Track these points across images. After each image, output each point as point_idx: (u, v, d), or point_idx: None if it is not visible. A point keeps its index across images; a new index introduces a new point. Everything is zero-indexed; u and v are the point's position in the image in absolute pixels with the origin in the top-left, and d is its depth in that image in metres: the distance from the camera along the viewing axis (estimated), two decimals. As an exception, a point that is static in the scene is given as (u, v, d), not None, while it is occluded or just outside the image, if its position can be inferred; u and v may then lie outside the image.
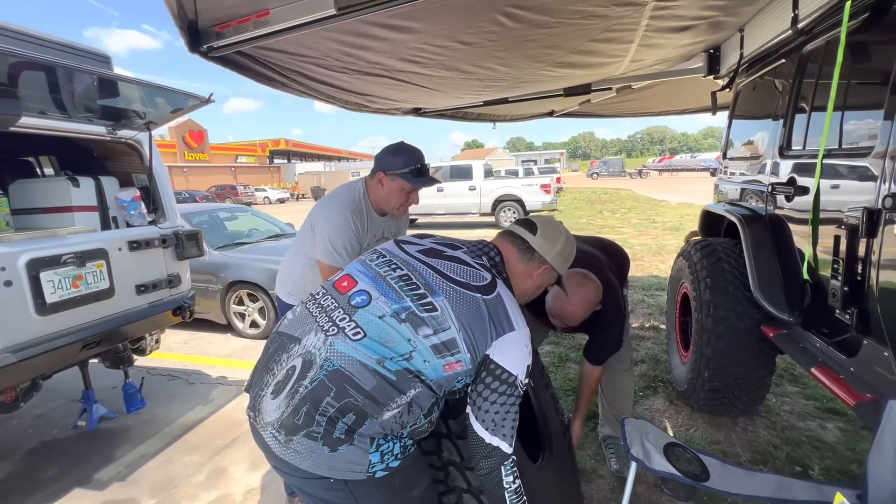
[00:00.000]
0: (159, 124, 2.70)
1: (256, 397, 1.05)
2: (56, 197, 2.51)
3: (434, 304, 1.04)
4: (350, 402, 0.97)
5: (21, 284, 2.03)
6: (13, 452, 2.64)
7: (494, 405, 1.03)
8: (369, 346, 1.00)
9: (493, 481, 1.06)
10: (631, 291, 5.06)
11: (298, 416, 0.97)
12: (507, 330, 1.06)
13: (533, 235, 1.21)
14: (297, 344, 1.06)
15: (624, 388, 2.16)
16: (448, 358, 1.02)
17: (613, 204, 16.27)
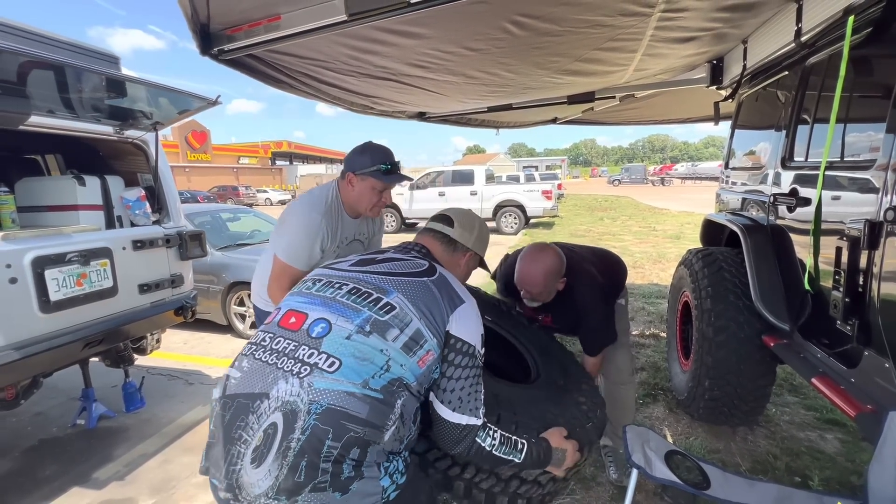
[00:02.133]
0: (166, 125, 2.72)
1: (229, 475, 0.93)
2: (62, 195, 2.52)
3: (390, 303, 1.07)
4: (352, 437, 0.93)
5: (26, 282, 2.04)
6: (12, 450, 2.64)
7: (460, 381, 1.07)
8: (348, 372, 0.98)
9: (475, 453, 1.10)
10: (631, 299, 5.07)
11: (299, 474, 0.89)
12: (459, 303, 1.12)
13: (451, 228, 1.29)
14: (265, 399, 0.96)
15: (623, 401, 2.14)
16: (419, 352, 1.04)
17: (614, 211, 16.31)
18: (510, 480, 1.31)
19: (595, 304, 1.79)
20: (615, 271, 2.11)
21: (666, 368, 3.18)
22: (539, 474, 1.31)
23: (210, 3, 1.25)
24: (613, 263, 2.14)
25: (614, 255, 2.22)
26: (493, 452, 1.11)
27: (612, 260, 2.16)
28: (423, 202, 12.31)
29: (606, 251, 2.22)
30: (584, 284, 1.79)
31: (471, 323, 1.12)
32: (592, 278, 1.84)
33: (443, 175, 12.59)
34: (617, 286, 2.09)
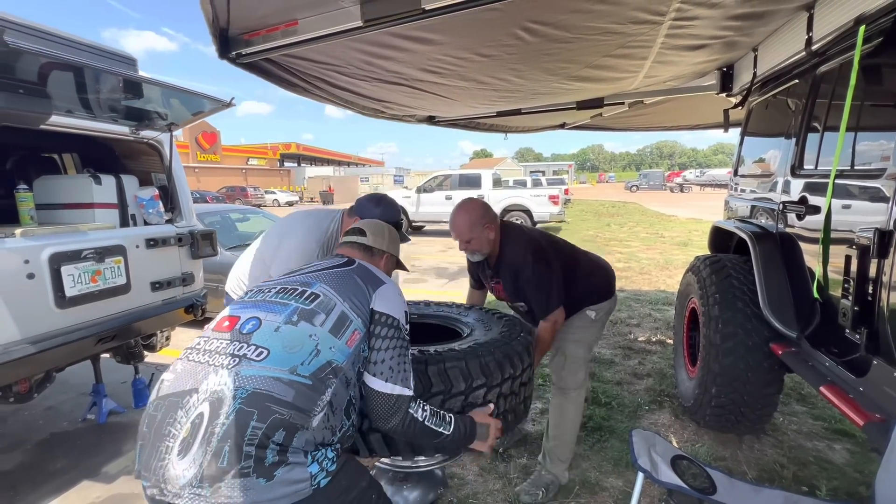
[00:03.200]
0: (181, 126, 2.77)
1: (157, 471, 0.93)
2: (78, 193, 2.57)
3: (314, 293, 1.16)
4: (277, 418, 0.94)
5: (43, 277, 2.08)
6: (24, 443, 2.69)
7: (388, 352, 1.14)
8: (276, 360, 1.01)
9: (409, 426, 1.14)
10: (638, 305, 5.05)
11: (222, 459, 0.89)
12: (380, 284, 1.23)
13: (365, 237, 1.43)
14: (194, 394, 0.99)
15: (559, 412, 2.06)
16: (346, 333, 1.10)
17: (621, 217, 16.25)
18: (465, 408, 1.37)
19: (525, 259, 1.85)
20: (594, 275, 2.09)
21: (672, 375, 3.17)
22: (512, 383, 1.44)
23: (230, 8, 1.28)
24: (594, 269, 2.12)
25: (602, 262, 2.21)
26: (426, 423, 1.16)
27: (598, 266, 2.15)
28: (430, 205, 12.37)
29: (595, 258, 2.21)
30: (515, 243, 1.89)
31: (392, 299, 1.21)
32: (527, 240, 1.92)
33: (450, 179, 12.66)
34: (598, 292, 2.06)
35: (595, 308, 2.04)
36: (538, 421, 2.66)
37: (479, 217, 1.86)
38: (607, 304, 2.08)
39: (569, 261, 2.01)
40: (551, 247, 1.98)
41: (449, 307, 2.03)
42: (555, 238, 2.11)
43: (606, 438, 2.45)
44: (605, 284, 2.11)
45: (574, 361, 2.03)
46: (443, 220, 12.36)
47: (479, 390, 1.39)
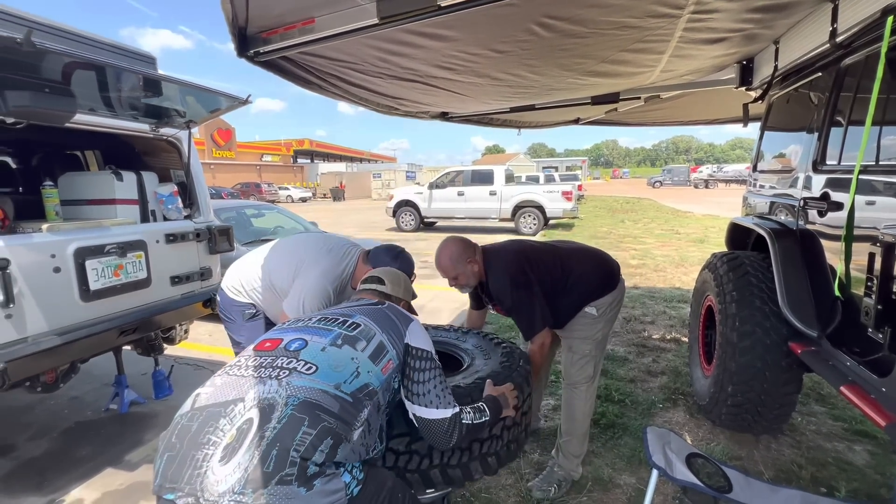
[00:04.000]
0: (199, 123, 2.82)
1: (191, 480, 0.92)
2: (101, 190, 2.64)
3: (357, 322, 1.27)
4: (325, 426, 0.99)
5: (68, 271, 2.15)
6: (50, 431, 2.78)
7: (430, 382, 1.24)
8: (323, 376, 1.09)
9: (466, 433, 1.25)
10: (652, 303, 5.00)
11: (268, 463, 0.91)
12: (409, 321, 1.35)
13: (384, 286, 1.57)
14: (240, 403, 1.02)
15: (568, 402, 2.08)
16: (382, 361, 1.20)
17: (636, 213, 16.06)
18: (472, 446, 1.48)
19: (504, 288, 1.91)
20: (588, 270, 2.05)
21: (687, 373, 3.13)
22: (491, 428, 1.50)
23: (249, 7, 1.30)
24: (581, 263, 2.06)
25: (595, 259, 2.13)
26: (474, 423, 1.28)
27: (581, 260, 2.08)
28: (442, 201, 12.37)
29: (596, 255, 2.14)
30: (495, 271, 1.95)
31: (423, 335, 1.33)
32: (505, 267, 1.94)
33: (462, 174, 12.61)
34: (593, 288, 2.03)
35: (595, 304, 2.01)
36: (550, 417, 2.66)
37: (460, 254, 1.93)
38: (609, 297, 2.04)
39: (556, 272, 1.99)
40: (534, 265, 1.96)
41: (447, 331, 2.09)
42: (540, 249, 2.07)
43: (620, 436, 2.44)
44: (603, 279, 2.07)
45: (582, 357, 2.03)
46: (455, 216, 12.37)
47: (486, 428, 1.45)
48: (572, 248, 2.14)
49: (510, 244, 2.09)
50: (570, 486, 2.05)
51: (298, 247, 2.07)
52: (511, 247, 2.06)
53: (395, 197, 13.06)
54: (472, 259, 1.94)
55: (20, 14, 2.09)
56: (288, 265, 2.00)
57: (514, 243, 2.10)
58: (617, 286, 2.08)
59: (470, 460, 1.51)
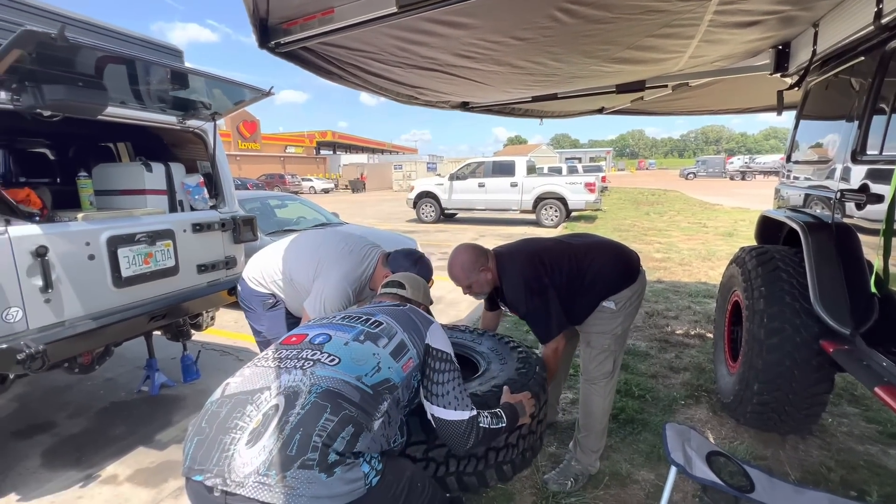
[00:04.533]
0: (223, 115, 2.88)
1: (220, 462, 0.97)
2: (132, 180, 2.73)
3: (378, 320, 1.31)
4: (347, 414, 1.03)
5: (102, 259, 2.24)
6: (87, 410, 2.93)
7: (449, 384, 1.26)
8: (346, 368, 1.13)
9: (483, 437, 1.26)
10: (676, 297, 4.88)
11: (291, 447, 0.95)
12: (430, 323, 1.37)
13: (404, 290, 1.61)
14: (266, 391, 1.07)
15: (585, 399, 2.05)
16: (403, 358, 1.23)
17: (661, 206, 15.65)
18: (488, 454, 1.52)
19: (518, 294, 1.89)
20: (606, 265, 1.98)
21: (711, 370, 3.06)
22: (507, 437, 1.54)
23: (269, -1, 1.31)
24: (597, 259, 1.99)
25: (612, 252, 2.06)
26: (491, 427, 1.30)
27: (598, 256, 2.01)
28: (463, 193, 12.32)
29: (601, 254, 2.03)
30: (508, 277, 1.92)
31: (443, 337, 1.35)
32: (518, 271, 1.90)
33: (483, 166, 12.52)
34: (611, 282, 1.97)
35: (614, 298, 1.97)
36: (568, 410, 2.64)
37: (473, 263, 1.91)
38: (629, 290, 1.99)
39: (572, 271, 1.95)
40: (548, 267, 1.93)
41: (462, 332, 2.12)
42: (554, 248, 2.01)
43: (639, 431, 2.41)
44: (622, 273, 2.01)
45: (601, 352, 2.00)
46: (476, 207, 12.31)
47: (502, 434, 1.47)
48: (589, 243, 2.08)
49: (523, 246, 2.05)
50: (587, 481, 2.04)
51: (319, 245, 2.10)
52: (524, 249, 2.01)
53: (415, 188, 13.08)
54: (484, 267, 1.92)
55: (55, 10, 2.16)
56: (308, 263, 2.05)
57: (527, 244, 2.07)
58: (637, 279, 2.03)
59: (486, 468, 1.55)
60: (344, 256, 2.04)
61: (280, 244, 2.20)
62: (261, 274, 2.12)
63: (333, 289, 1.93)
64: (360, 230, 5.71)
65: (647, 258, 7.00)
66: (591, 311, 1.99)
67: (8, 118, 2.01)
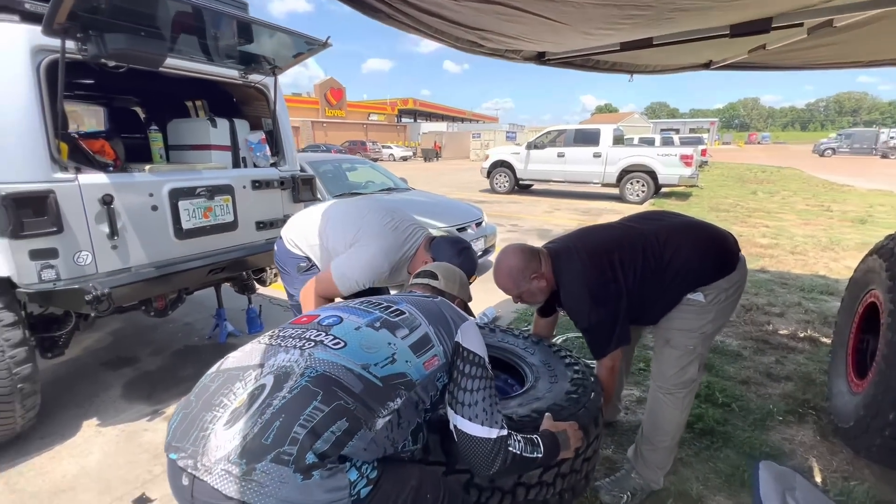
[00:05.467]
0: (284, 69, 2.81)
1: (196, 441, 0.86)
2: (199, 136, 2.79)
3: (401, 309, 1.14)
4: (341, 405, 0.87)
5: (164, 210, 2.31)
6: (164, 350, 3.19)
7: (479, 392, 1.06)
8: (352, 353, 0.98)
9: (511, 464, 1.06)
10: (783, 291, 4.14)
11: (268, 434, 0.81)
12: (463, 320, 1.18)
13: (437, 281, 1.42)
14: (259, 369, 0.95)
15: (656, 411, 1.71)
16: (426, 354, 1.05)
17: (773, 184, 13.63)
18: (516, 489, 1.32)
19: (579, 308, 1.60)
20: (692, 254, 1.59)
21: (823, 383, 2.51)
22: (543, 473, 1.34)
23: None
24: (684, 249, 1.60)
25: (705, 236, 1.65)
26: (524, 454, 1.09)
27: (686, 243, 1.61)
28: (540, 163, 11.66)
29: (689, 241, 1.62)
30: (565, 285, 1.63)
31: (477, 338, 1.15)
32: (582, 281, 1.58)
33: (564, 134, 11.69)
34: (704, 273, 1.59)
35: (706, 289, 1.58)
36: (633, 410, 2.31)
37: (521, 270, 1.62)
38: (724, 281, 1.58)
39: (648, 263, 1.58)
40: (617, 266, 1.57)
41: (516, 337, 1.96)
42: (623, 241, 1.63)
43: (719, 446, 2.02)
44: (715, 261, 1.61)
45: (683, 354, 1.63)
46: (553, 179, 11.61)
47: (534, 470, 1.31)
48: (669, 227, 1.67)
49: (584, 241, 1.68)
50: (646, 497, 1.74)
51: (363, 215, 1.95)
52: (586, 246, 1.65)
53: (490, 157, 12.64)
54: (536, 273, 1.62)
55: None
56: (347, 229, 1.91)
57: (588, 238, 1.70)
58: (735, 268, 1.62)
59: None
60: (387, 231, 1.89)
61: (322, 207, 2.10)
62: (298, 235, 2.04)
63: (369, 259, 1.78)
64: (425, 197, 5.58)
65: (748, 243, 6.07)
66: (673, 306, 1.64)
67: (91, 74, 2.09)
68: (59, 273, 1.97)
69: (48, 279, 1.94)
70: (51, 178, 1.91)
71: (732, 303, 1.64)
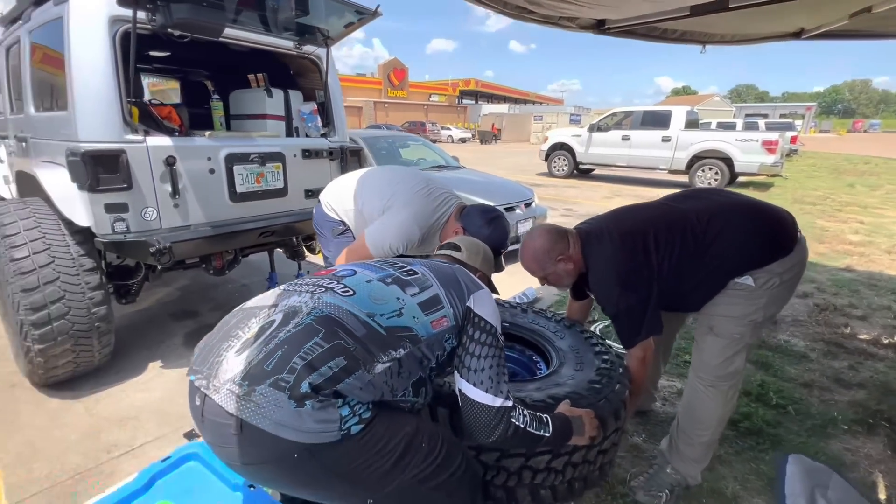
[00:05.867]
0: (336, 40, 2.86)
1: (212, 366, 0.94)
2: (256, 105, 2.94)
3: (414, 269, 1.17)
4: (341, 345, 0.92)
5: (221, 174, 2.47)
6: (224, 307, 3.45)
7: (486, 360, 1.06)
8: (359, 301, 1.02)
9: (512, 435, 1.06)
10: (870, 293, 3.66)
11: (270, 362, 0.88)
12: (477, 288, 1.18)
13: (459, 252, 1.42)
14: (273, 308, 1.01)
15: (694, 403, 1.59)
16: (435, 314, 1.07)
17: (877, 177, 12.01)
18: (523, 473, 1.30)
19: (608, 293, 1.51)
20: (728, 242, 1.43)
21: (905, 395, 2.21)
22: (552, 460, 1.33)
23: None
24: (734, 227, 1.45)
25: (758, 213, 1.49)
26: (528, 429, 1.09)
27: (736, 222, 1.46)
28: (602, 146, 11.08)
29: (740, 219, 1.47)
30: (594, 269, 1.55)
31: (490, 306, 1.15)
32: (604, 260, 1.51)
33: (631, 116, 10.97)
34: (759, 255, 1.44)
35: (756, 273, 1.42)
36: (670, 401, 2.18)
37: (547, 252, 1.56)
38: (778, 264, 1.42)
39: (686, 251, 1.45)
40: (651, 250, 1.45)
41: (548, 320, 1.94)
42: (660, 221, 1.50)
43: (765, 448, 1.85)
44: (764, 243, 1.44)
45: (729, 343, 1.48)
46: (616, 164, 11.02)
47: (542, 455, 1.32)
48: (714, 206, 1.51)
49: (618, 221, 1.58)
50: (681, 494, 1.64)
51: (398, 181, 1.99)
52: (620, 226, 1.54)
53: (549, 139, 12.21)
54: (563, 255, 1.56)
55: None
56: (381, 195, 1.95)
57: (623, 218, 1.60)
58: (792, 251, 1.44)
59: (517, 486, 1.35)
60: (420, 197, 1.91)
61: (359, 173, 2.14)
62: (335, 200, 2.10)
63: (400, 223, 1.81)
64: (474, 175, 5.53)
65: (835, 239, 5.42)
66: (716, 293, 1.50)
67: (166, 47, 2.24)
68: (129, 226, 2.18)
69: (120, 231, 2.16)
70: (123, 138, 2.10)
71: (788, 289, 1.47)
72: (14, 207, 2.18)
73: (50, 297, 2.03)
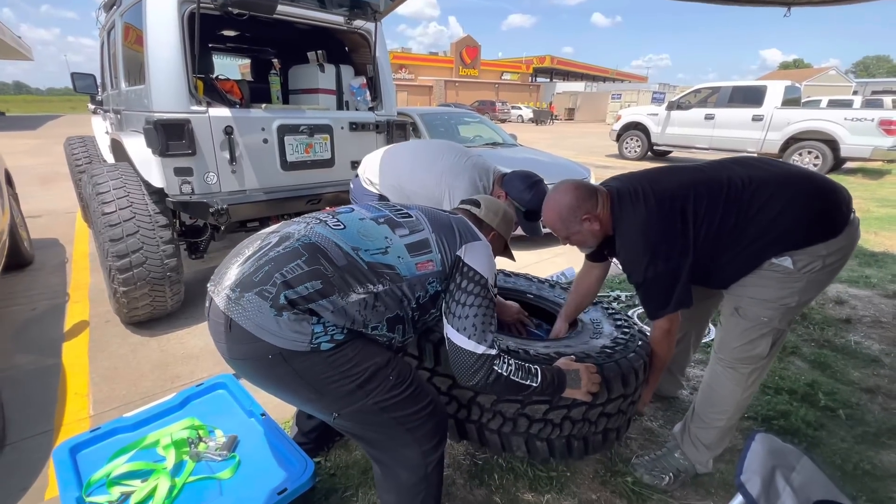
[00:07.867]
0: (384, 14, 2.93)
1: (219, 276, 1.08)
2: (310, 80, 3.12)
3: (409, 213, 1.21)
4: (320, 270, 1.01)
5: (273, 144, 2.68)
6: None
7: (472, 309, 1.10)
8: (347, 235, 1.09)
9: (493, 382, 1.11)
10: None
11: (258, 275, 1.00)
12: (473, 239, 1.20)
13: (479, 209, 1.43)
14: (275, 233, 1.11)
15: (714, 388, 1.51)
16: (420, 256, 1.11)
17: None
18: (518, 421, 1.35)
19: (635, 260, 1.39)
20: (774, 211, 1.30)
21: None
22: (547, 411, 1.35)
23: None
24: (778, 197, 1.30)
25: (808, 186, 1.32)
26: (511, 377, 1.12)
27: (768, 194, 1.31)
28: (682, 126, 10.17)
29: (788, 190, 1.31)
30: (623, 233, 1.42)
31: (483, 258, 1.17)
32: (635, 225, 1.38)
33: (718, 93, 9.90)
34: (807, 232, 1.29)
35: (797, 253, 1.29)
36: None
37: (571, 210, 1.44)
38: (824, 246, 1.27)
39: (727, 221, 1.33)
40: (690, 218, 1.33)
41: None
42: (702, 185, 1.35)
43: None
44: (812, 220, 1.29)
45: (754, 326, 1.38)
46: (696, 145, 10.11)
47: (538, 404, 1.35)
48: (768, 174, 1.36)
49: (655, 181, 1.43)
50: (688, 481, 1.58)
51: (439, 157, 2.06)
52: (657, 187, 1.40)
53: (622, 118, 11.43)
54: (589, 214, 1.43)
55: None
56: (426, 175, 2.02)
57: (660, 179, 1.44)
58: (842, 232, 1.29)
59: (512, 434, 1.38)
60: (467, 168, 2.00)
61: (397, 148, 2.21)
62: (376, 174, 2.18)
63: (464, 185, 1.91)
64: (528, 153, 5.40)
65: (956, 236, 4.60)
66: (749, 272, 1.39)
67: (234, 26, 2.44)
68: (193, 188, 2.46)
69: (186, 192, 2.45)
70: (188, 109, 2.36)
71: (829, 274, 1.33)
72: (107, 170, 2.56)
73: (131, 248, 2.37)
